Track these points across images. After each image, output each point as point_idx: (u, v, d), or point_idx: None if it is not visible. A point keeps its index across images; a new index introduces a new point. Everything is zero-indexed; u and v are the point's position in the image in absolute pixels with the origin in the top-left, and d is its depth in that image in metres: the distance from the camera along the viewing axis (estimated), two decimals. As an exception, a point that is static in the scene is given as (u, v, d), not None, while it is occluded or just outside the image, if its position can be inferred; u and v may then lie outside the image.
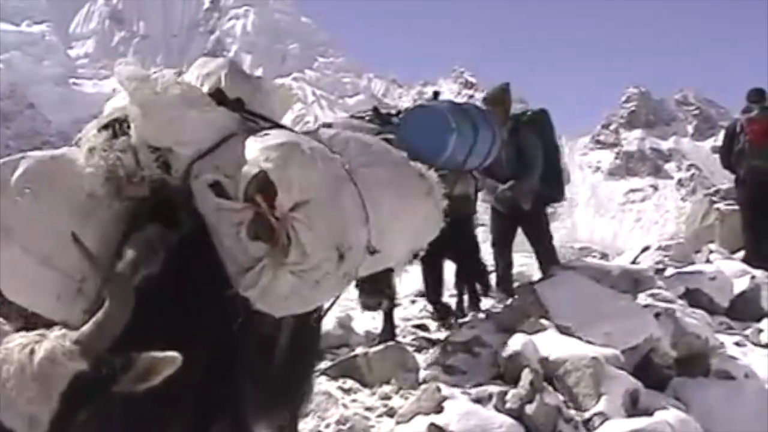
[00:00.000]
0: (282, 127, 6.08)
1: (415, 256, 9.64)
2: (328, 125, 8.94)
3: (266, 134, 5.50)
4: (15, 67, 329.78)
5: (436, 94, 12.20)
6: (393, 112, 10.85)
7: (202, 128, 5.41)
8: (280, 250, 5.01)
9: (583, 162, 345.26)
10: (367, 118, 10.34)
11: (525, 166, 12.40)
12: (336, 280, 5.36)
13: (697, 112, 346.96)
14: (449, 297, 13.64)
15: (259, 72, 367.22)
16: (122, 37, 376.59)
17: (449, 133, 9.70)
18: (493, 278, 13.87)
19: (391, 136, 9.36)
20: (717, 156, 16.61)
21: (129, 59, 6.86)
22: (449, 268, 13.29)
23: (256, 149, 5.21)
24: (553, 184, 12.96)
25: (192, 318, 4.70)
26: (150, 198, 5.19)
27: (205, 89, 5.86)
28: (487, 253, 13.89)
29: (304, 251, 5.02)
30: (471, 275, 13.53)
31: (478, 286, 13.84)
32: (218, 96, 5.80)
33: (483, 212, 13.79)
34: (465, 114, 10.38)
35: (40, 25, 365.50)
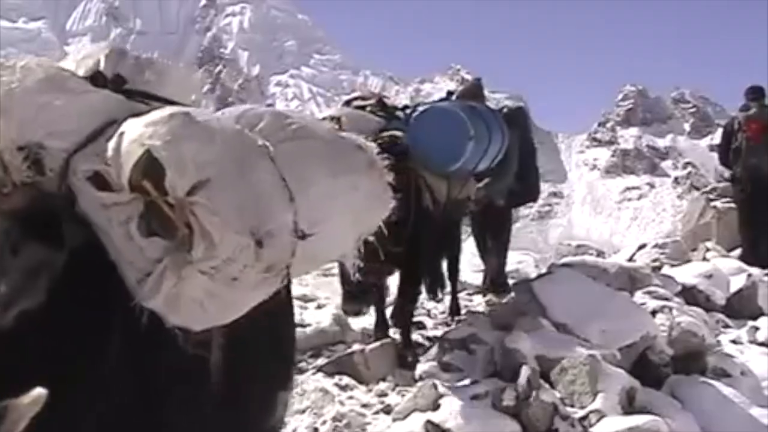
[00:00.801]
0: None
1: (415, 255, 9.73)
2: (337, 119, 9.25)
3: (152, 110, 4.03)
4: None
5: (449, 93, 12.32)
6: (398, 105, 10.91)
7: (78, 114, 4.14)
8: (181, 244, 3.73)
9: (579, 160, 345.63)
10: (369, 109, 10.24)
11: (500, 164, 11.46)
12: (258, 275, 3.96)
13: (693, 110, 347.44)
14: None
15: (256, 69, 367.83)
16: (119, 34, 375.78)
17: (467, 141, 9.85)
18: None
19: (398, 134, 9.63)
20: (714, 154, 16.64)
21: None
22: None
23: (139, 126, 3.85)
24: (528, 183, 12.90)
25: (89, 354, 3.59)
26: (26, 210, 3.88)
27: (81, 73, 4.51)
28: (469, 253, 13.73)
29: (211, 241, 3.70)
30: (453, 277, 12.76)
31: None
32: (99, 80, 4.45)
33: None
34: (480, 118, 10.51)
35: (37, 21, 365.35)
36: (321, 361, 10.23)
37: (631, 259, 14.59)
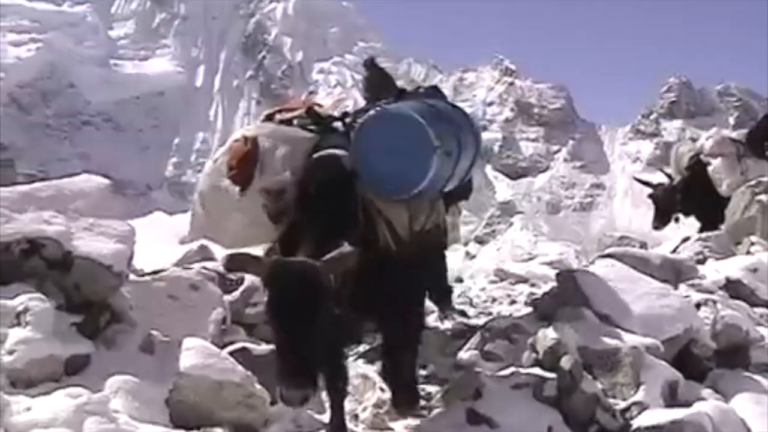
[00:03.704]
0: None
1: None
2: (252, 140, 7.99)
3: None
4: (56, 47, 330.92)
5: (401, 92, 9.29)
6: (335, 113, 8.56)
7: None
8: None
9: (622, 152, 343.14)
10: (297, 122, 8.32)
11: None
12: None
13: (738, 103, 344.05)
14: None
15: (299, 56, 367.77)
16: (163, 18, 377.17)
17: (431, 154, 7.67)
18: None
19: (338, 153, 7.82)
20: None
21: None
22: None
23: None
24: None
25: None
26: None
27: None
28: None
29: None
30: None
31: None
32: None
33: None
34: (443, 120, 8.31)
35: (82, 5, 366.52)
36: (362, 347, 10.23)
37: (674, 252, 14.49)
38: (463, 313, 11.86)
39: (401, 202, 7.87)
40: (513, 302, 12.20)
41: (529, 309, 10.53)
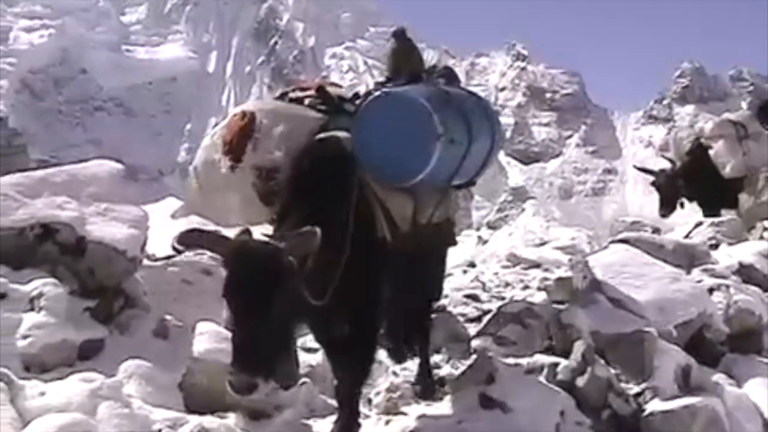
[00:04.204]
0: None
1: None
2: (250, 115, 7.68)
3: None
4: (68, 32, 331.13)
5: (387, 80, 9.02)
6: (347, 95, 8.18)
7: None
8: None
9: (635, 137, 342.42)
10: (308, 102, 7.96)
11: None
12: None
13: (751, 88, 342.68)
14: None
15: (311, 41, 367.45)
16: (174, 3, 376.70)
17: (433, 141, 7.29)
18: None
19: (342, 134, 7.50)
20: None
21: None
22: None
23: None
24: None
25: None
26: None
27: None
28: None
29: None
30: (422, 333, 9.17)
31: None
32: None
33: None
34: (454, 107, 7.85)
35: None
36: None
37: (687, 237, 14.47)
38: (475, 298, 11.83)
39: (405, 191, 7.52)
40: (526, 287, 12.15)
41: (542, 294, 10.51)
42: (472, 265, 15.05)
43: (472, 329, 9.99)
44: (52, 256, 8.46)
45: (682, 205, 17.91)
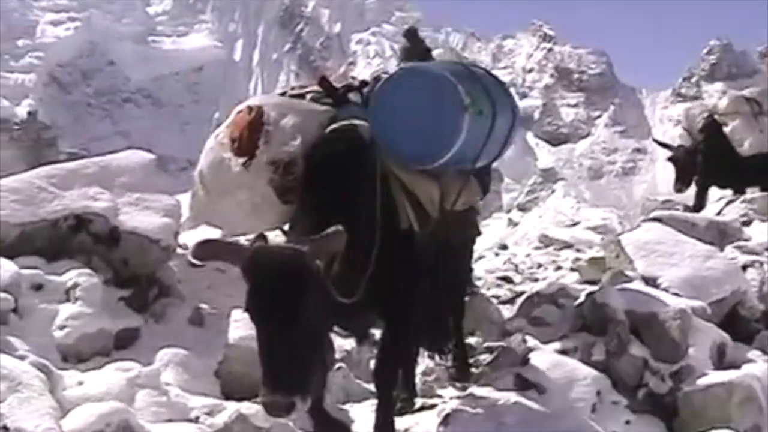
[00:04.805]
0: None
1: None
2: (257, 109, 7.07)
3: None
4: (94, 24, 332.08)
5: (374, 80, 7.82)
6: (354, 83, 7.58)
7: None
8: None
9: (663, 115, 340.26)
10: (310, 97, 7.39)
11: None
12: None
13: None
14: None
15: (337, 27, 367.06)
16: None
17: (461, 113, 6.79)
18: None
19: (357, 122, 6.95)
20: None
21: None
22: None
23: None
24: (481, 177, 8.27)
25: None
26: None
27: None
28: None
29: None
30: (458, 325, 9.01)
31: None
32: None
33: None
34: (477, 80, 7.40)
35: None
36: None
37: (719, 214, 14.41)
38: (509, 280, 11.83)
39: (430, 174, 7.04)
40: (558, 268, 12.18)
41: (575, 274, 10.51)
42: (504, 247, 15.13)
43: (506, 311, 9.99)
44: (87, 247, 8.53)
45: (697, 183, 17.71)
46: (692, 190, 17.43)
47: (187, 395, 7.15)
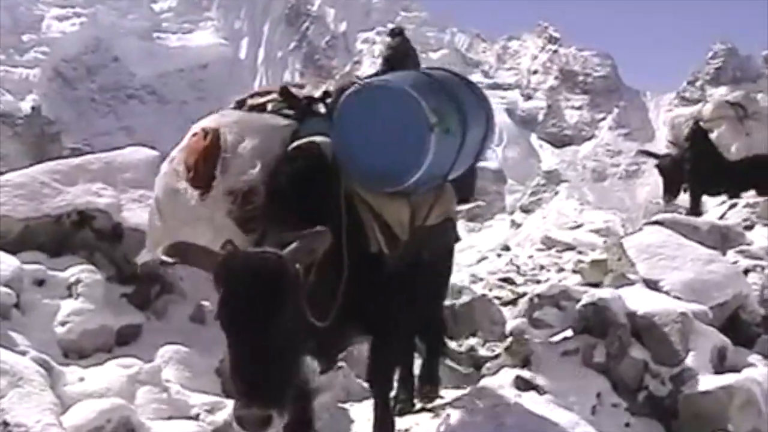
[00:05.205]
0: None
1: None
2: (214, 132, 6.65)
3: None
4: (100, 20, 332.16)
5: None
6: (316, 93, 7.12)
7: None
8: None
9: (668, 119, 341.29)
10: (271, 107, 7.03)
11: None
12: None
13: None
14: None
15: (343, 26, 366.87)
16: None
17: (427, 132, 6.44)
18: None
19: (317, 140, 6.54)
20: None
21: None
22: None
23: None
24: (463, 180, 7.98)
25: None
26: None
27: None
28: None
29: None
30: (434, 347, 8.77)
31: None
32: None
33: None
34: (444, 93, 7.02)
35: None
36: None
37: (722, 218, 14.42)
38: (511, 281, 11.84)
39: (399, 194, 6.67)
40: (560, 270, 12.20)
41: (577, 276, 10.51)
42: (507, 248, 15.12)
43: (508, 312, 10.00)
44: (89, 243, 8.55)
45: (685, 190, 17.63)
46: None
47: (188, 392, 7.16)
